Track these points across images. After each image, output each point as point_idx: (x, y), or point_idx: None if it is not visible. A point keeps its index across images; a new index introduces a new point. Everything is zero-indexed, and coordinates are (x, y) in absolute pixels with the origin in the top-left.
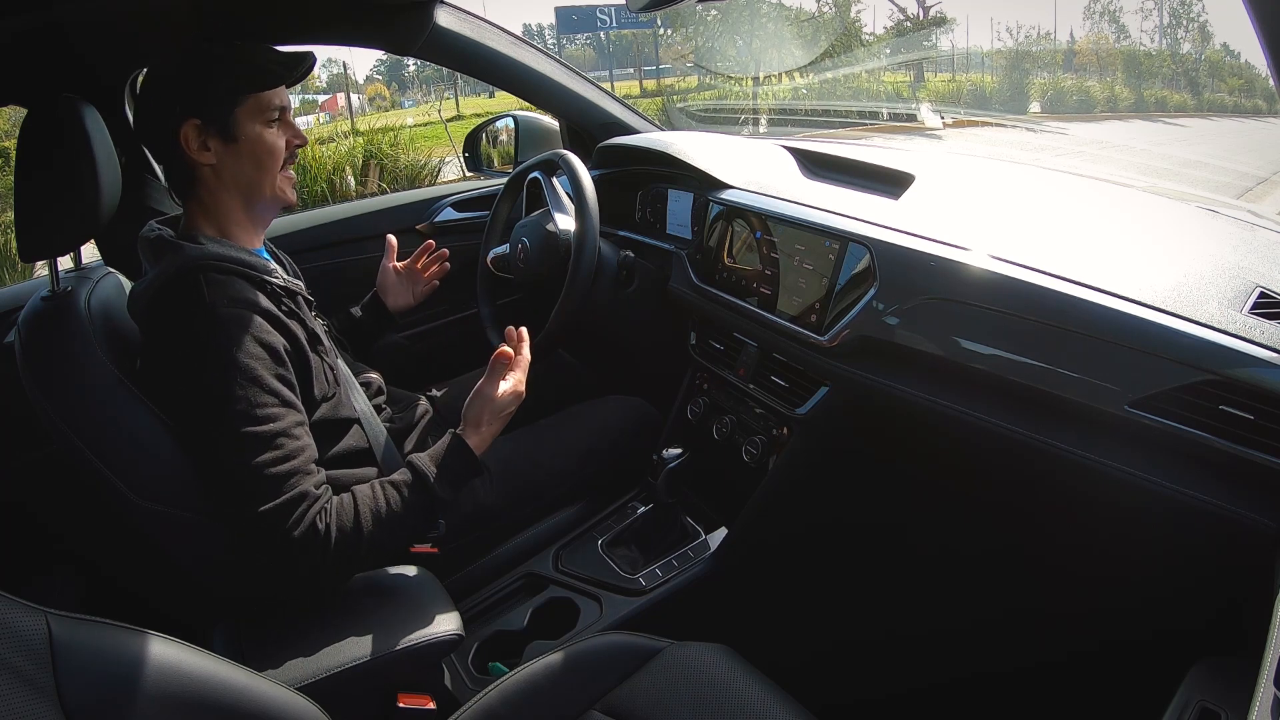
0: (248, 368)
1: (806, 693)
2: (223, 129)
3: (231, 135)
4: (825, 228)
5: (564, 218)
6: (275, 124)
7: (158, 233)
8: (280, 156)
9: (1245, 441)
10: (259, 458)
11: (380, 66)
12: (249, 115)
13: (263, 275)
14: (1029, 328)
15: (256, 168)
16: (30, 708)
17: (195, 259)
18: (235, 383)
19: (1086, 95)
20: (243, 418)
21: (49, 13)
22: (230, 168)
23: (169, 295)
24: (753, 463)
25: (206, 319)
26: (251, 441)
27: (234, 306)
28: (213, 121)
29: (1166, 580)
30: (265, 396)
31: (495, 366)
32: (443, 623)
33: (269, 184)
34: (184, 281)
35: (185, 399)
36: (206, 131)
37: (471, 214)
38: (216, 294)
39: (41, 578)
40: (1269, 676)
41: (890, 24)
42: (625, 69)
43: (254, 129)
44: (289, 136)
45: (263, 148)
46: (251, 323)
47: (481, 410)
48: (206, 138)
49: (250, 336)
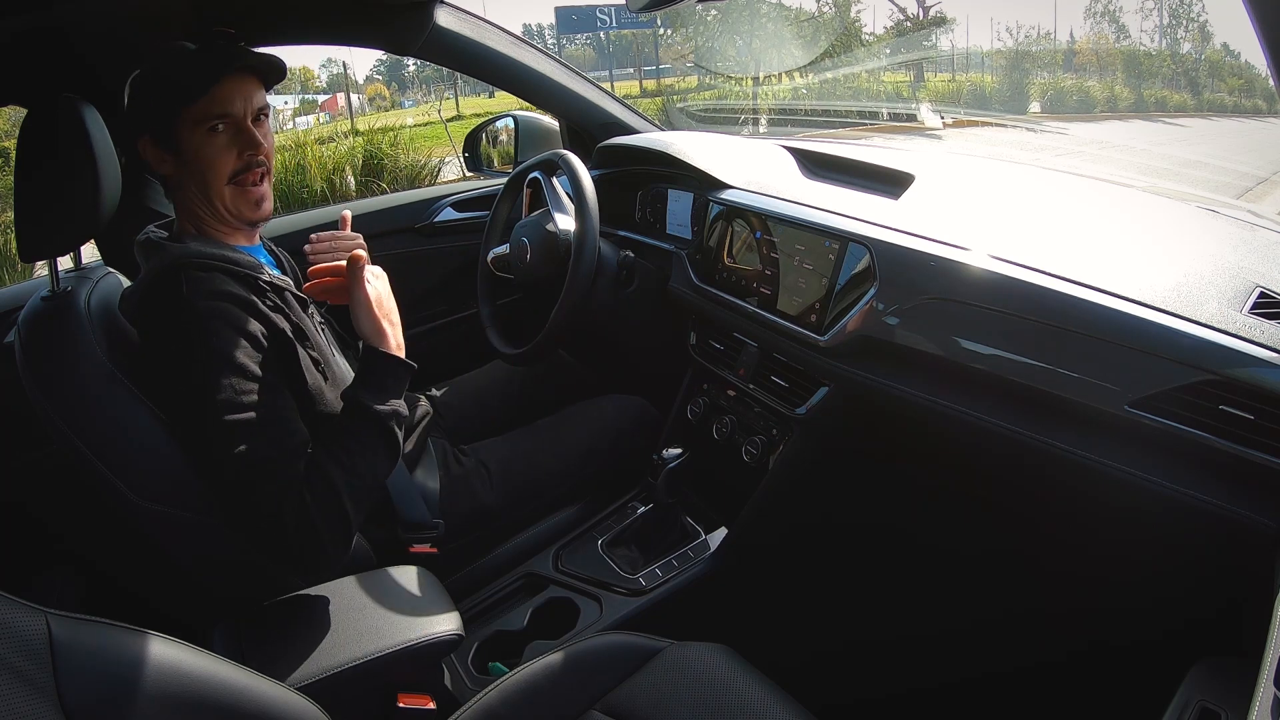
0: (229, 356)
1: (806, 693)
2: (168, 143)
3: (176, 148)
4: (825, 228)
5: (564, 218)
6: (219, 133)
7: (148, 235)
8: (223, 169)
9: (1245, 441)
10: (245, 445)
11: (380, 66)
12: (186, 126)
13: (245, 270)
14: (1029, 328)
15: (201, 180)
16: (30, 708)
17: (176, 257)
18: (218, 372)
19: (1086, 95)
20: (228, 406)
21: (49, 13)
22: (185, 179)
23: (153, 293)
24: (753, 463)
25: (187, 313)
26: (238, 429)
27: (213, 299)
28: (159, 136)
29: (1166, 580)
30: (248, 384)
31: (354, 270)
32: (443, 623)
33: (217, 197)
34: (166, 279)
35: (175, 393)
36: (159, 145)
37: (471, 214)
38: (195, 288)
39: (41, 578)
40: (1269, 676)
41: (890, 24)
42: (625, 69)
43: (193, 141)
44: (239, 147)
45: (203, 160)
46: (230, 314)
47: (374, 320)
48: (161, 151)
49: (230, 327)
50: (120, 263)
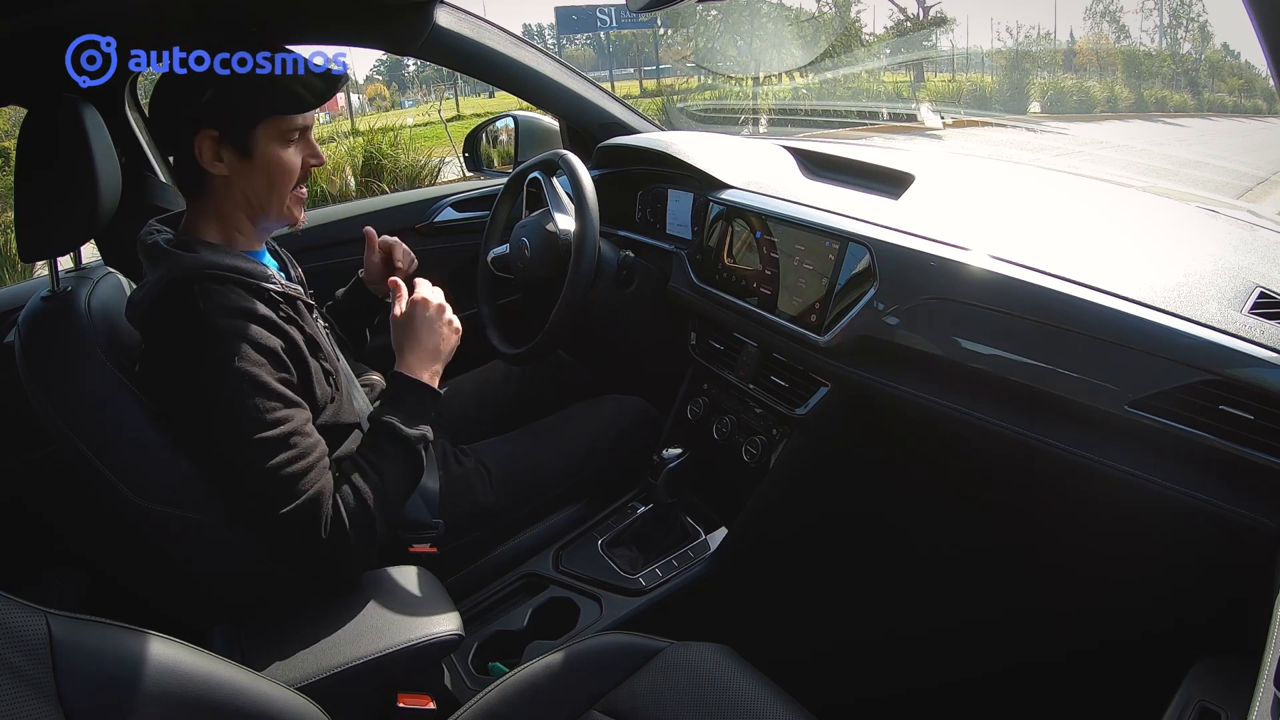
0: (250, 375)
1: (806, 693)
2: (240, 144)
3: (248, 151)
4: (825, 228)
5: (564, 218)
6: (295, 144)
7: (154, 237)
8: (294, 177)
9: (1245, 441)
10: (273, 461)
11: (380, 66)
12: (269, 134)
13: (259, 282)
14: (1029, 328)
15: (268, 186)
16: (30, 708)
17: (189, 268)
18: (240, 392)
19: (1086, 95)
20: (253, 425)
21: (49, 13)
22: (241, 182)
23: (164, 306)
24: (753, 463)
25: (203, 330)
26: (264, 447)
27: (230, 317)
28: (231, 135)
29: (1167, 580)
30: (271, 401)
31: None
32: (443, 623)
33: (277, 203)
34: (179, 291)
35: (191, 410)
36: (222, 144)
37: (471, 214)
38: (211, 304)
39: (41, 578)
40: (1269, 676)
41: (890, 24)
42: (625, 69)
43: (272, 148)
44: (306, 155)
45: (278, 167)
46: (248, 331)
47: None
48: (221, 149)
49: (248, 344)
50: (120, 263)
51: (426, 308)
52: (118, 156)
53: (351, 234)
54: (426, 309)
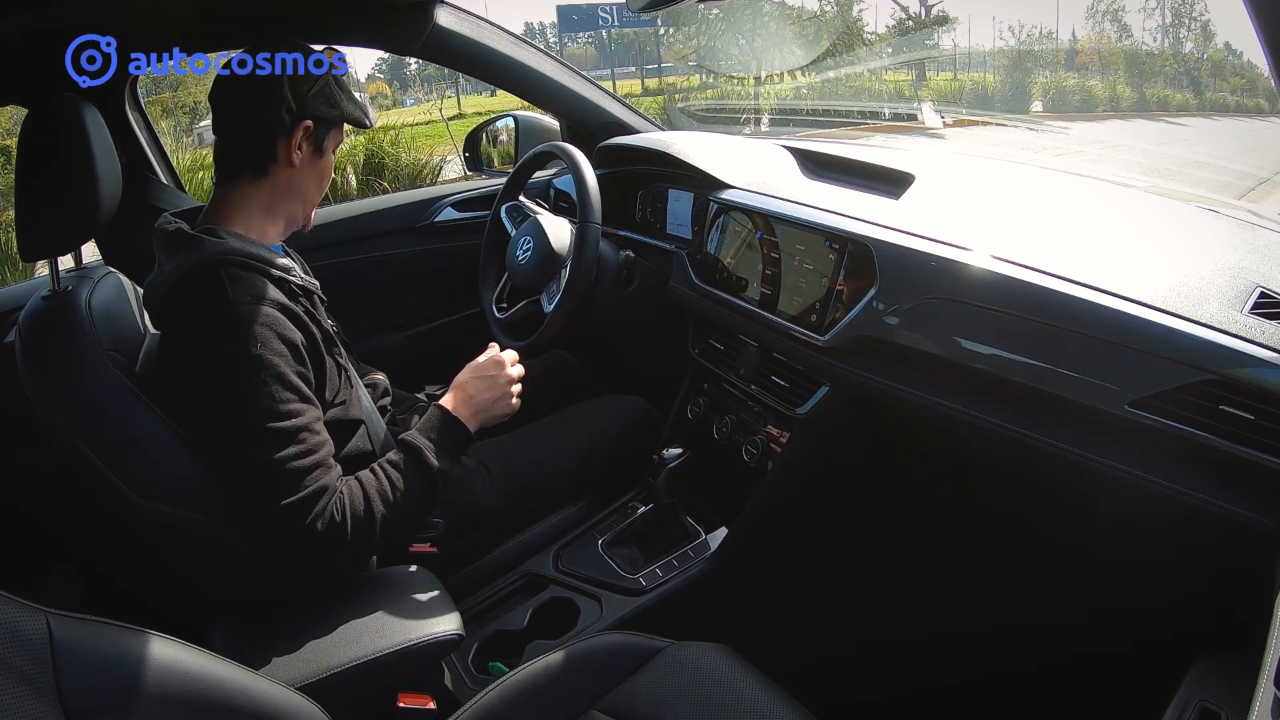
0: (271, 364)
1: (806, 693)
2: (319, 142)
3: (321, 151)
4: (826, 227)
5: (564, 218)
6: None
7: (176, 226)
8: (330, 177)
9: (1245, 441)
10: (281, 453)
11: (382, 65)
12: (335, 141)
13: (282, 273)
14: (1029, 328)
15: (318, 187)
16: (30, 707)
17: (216, 253)
18: (259, 380)
19: (1088, 94)
20: (266, 414)
21: (49, 13)
22: (303, 177)
23: (189, 289)
24: (753, 463)
25: (229, 314)
26: (274, 437)
27: (256, 303)
28: (319, 132)
29: (1166, 580)
30: (287, 393)
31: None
32: (443, 622)
33: (313, 205)
34: (205, 275)
35: (204, 393)
36: (309, 138)
37: (471, 214)
38: (239, 290)
39: (41, 578)
40: (1269, 676)
41: (892, 23)
42: (627, 68)
43: (330, 154)
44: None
45: (328, 172)
46: (274, 319)
47: (475, 408)
48: (305, 142)
49: (273, 333)
50: (120, 263)
51: (503, 368)
52: (118, 156)
53: (352, 234)
54: (503, 369)
